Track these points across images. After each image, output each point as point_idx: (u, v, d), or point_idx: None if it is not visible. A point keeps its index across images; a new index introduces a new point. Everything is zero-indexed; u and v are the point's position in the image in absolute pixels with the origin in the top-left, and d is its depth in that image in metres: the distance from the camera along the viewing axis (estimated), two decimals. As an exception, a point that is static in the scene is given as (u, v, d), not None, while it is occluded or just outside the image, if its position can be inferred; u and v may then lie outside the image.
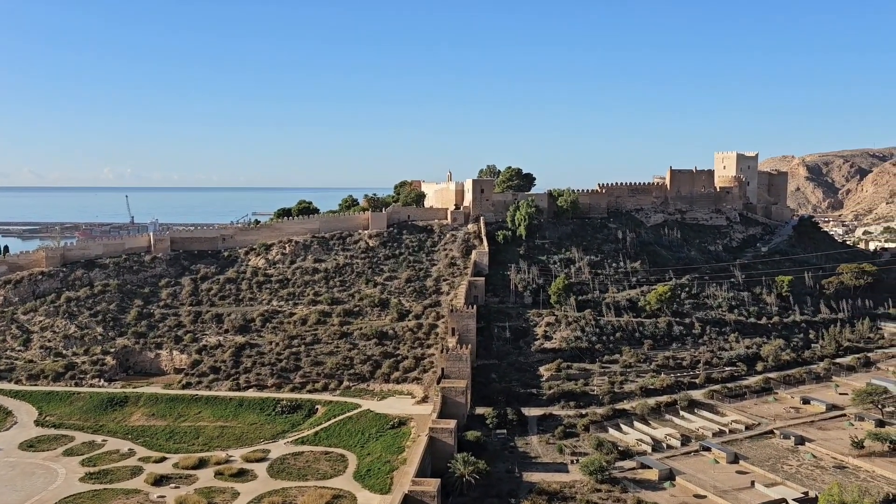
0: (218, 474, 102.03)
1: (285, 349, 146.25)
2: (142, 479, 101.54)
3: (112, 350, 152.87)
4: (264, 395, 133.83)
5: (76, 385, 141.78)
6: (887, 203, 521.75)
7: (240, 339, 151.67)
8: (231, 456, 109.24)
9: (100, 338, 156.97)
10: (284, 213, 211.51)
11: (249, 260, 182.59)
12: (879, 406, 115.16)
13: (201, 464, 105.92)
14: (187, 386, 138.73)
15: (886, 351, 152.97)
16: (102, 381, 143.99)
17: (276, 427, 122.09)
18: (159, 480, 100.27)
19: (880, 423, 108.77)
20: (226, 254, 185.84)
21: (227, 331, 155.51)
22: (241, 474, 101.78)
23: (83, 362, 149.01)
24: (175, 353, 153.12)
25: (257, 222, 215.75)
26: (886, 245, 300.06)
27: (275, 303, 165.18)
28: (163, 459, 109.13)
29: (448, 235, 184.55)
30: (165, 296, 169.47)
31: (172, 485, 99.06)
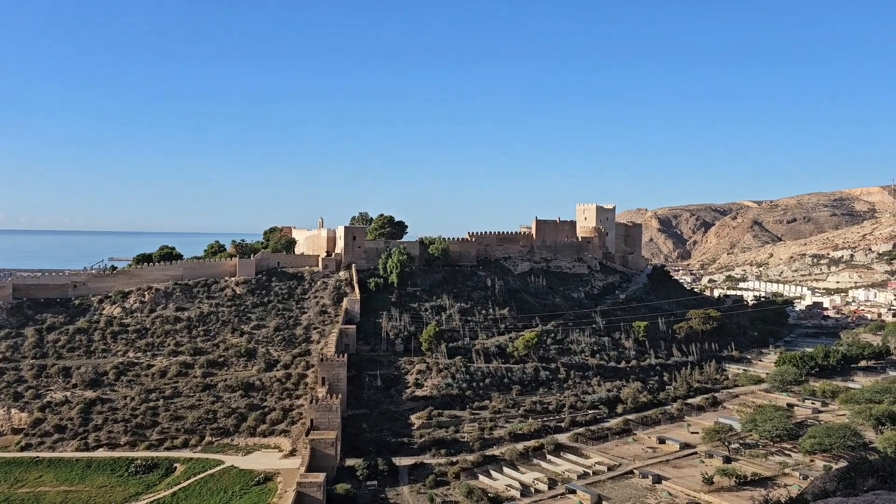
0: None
1: (141, 404, 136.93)
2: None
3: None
4: (116, 454, 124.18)
5: None
6: (728, 253, 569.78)
7: (90, 394, 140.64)
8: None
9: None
10: (144, 258, 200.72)
11: (104, 308, 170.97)
12: (726, 443, 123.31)
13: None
14: (27, 447, 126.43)
15: (731, 391, 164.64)
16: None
17: (128, 489, 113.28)
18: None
19: (727, 460, 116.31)
20: (77, 302, 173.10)
21: (75, 385, 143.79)
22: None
23: None
24: (14, 411, 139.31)
25: (114, 268, 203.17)
26: (728, 292, 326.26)
27: (131, 354, 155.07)
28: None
29: (319, 283, 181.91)
30: (5, 348, 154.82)
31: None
